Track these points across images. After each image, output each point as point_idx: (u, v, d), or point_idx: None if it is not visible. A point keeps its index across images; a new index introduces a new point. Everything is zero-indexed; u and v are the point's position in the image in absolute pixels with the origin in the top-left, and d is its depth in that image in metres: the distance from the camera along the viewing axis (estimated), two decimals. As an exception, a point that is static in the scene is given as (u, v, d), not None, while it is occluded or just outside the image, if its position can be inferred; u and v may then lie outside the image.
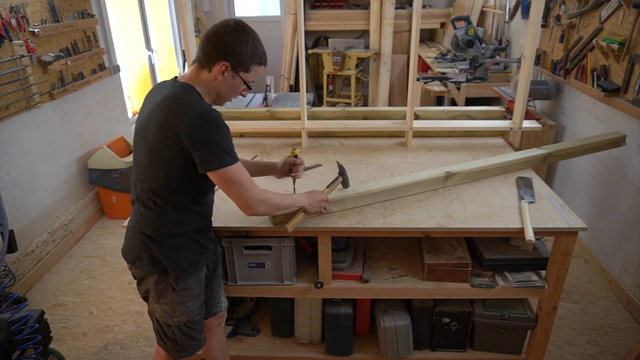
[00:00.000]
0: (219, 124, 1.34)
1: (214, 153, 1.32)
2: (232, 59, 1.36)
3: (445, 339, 2.06)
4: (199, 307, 1.57)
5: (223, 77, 1.39)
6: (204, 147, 1.32)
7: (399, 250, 2.13)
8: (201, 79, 1.41)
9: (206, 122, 1.31)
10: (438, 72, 4.50)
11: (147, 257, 1.48)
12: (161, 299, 1.52)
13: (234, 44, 1.35)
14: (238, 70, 1.39)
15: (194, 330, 1.58)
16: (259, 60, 1.42)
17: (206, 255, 1.58)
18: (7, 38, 2.62)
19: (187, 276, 1.50)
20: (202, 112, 1.32)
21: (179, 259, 1.47)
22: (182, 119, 1.31)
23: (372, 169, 2.22)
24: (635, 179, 2.51)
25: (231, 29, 1.36)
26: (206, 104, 1.38)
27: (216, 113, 1.35)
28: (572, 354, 2.26)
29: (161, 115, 1.35)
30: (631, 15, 2.45)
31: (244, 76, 1.42)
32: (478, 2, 4.87)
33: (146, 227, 1.47)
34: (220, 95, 1.46)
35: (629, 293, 2.53)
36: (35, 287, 2.84)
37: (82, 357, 2.32)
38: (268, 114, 2.71)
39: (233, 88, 1.44)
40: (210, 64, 1.37)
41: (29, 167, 2.88)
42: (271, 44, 6.56)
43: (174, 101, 1.34)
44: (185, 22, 2.22)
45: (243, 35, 1.36)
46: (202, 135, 1.31)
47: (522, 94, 2.37)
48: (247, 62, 1.39)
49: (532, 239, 1.62)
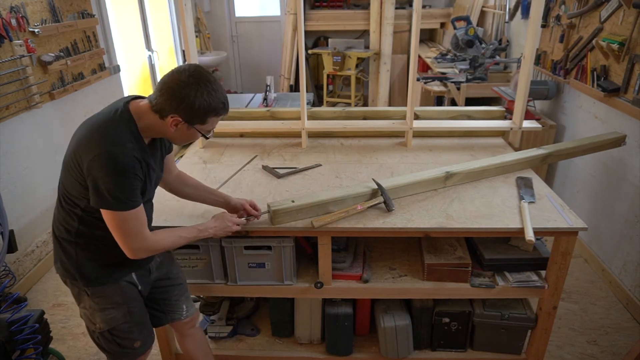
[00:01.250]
0: (122, 171, 1.26)
1: (105, 195, 1.26)
2: (186, 114, 1.29)
3: (445, 339, 2.06)
4: (123, 315, 1.50)
5: (176, 128, 1.33)
6: (97, 186, 1.26)
7: (399, 250, 2.13)
8: (147, 117, 1.33)
9: (108, 166, 1.24)
10: (438, 72, 4.50)
11: (59, 259, 1.47)
12: (80, 304, 1.50)
13: (188, 99, 1.27)
14: (193, 123, 1.33)
15: (122, 338, 1.53)
16: (215, 112, 1.33)
17: (127, 267, 1.49)
18: (7, 38, 2.62)
19: (96, 285, 1.45)
20: (110, 154, 1.24)
21: (84, 268, 1.43)
22: (91, 151, 1.26)
23: (372, 169, 2.22)
24: (635, 179, 2.51)
25: (185, 82, 1.27)
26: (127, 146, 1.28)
27: (127, 160, 1.27)
28: (572, 354, 2.26)
29: (83, 135, 1.31)
30: (631, 15, 2.45)
31: (200, 128, 1.36)
32: (478, 2, 4.87)
33: (55, 228, 1.45)
34: (173, 139, 1.43)
35: (629, 293, 2.53)
36: (35, 287, 2.84)
37: (82, 357, 2.32)
38: (268, 114, 2.71)
39: (188, 137, 1.39)
40: (163, 115, 1.31)
41: (29, 167, 2.88)
42: (271, 44, 6.61)
43: (99, 129, 1.30)
44: (185, 22, 2.22)
45: (198, 88, 1.27)
46: (100, 175, 1.25)
47: (522, 94, 2.37)
48: (202, 116, 1.32)
49: (532, 239, 1.62)
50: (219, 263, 1.90)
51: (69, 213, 1.40)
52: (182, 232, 1.49)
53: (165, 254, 1.71)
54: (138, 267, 1.54)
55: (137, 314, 1.56)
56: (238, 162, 2.31)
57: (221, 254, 1.88)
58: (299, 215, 1.75)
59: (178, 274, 1.76)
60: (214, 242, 1.85)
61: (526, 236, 1.64)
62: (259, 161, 2.32)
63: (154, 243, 1.39)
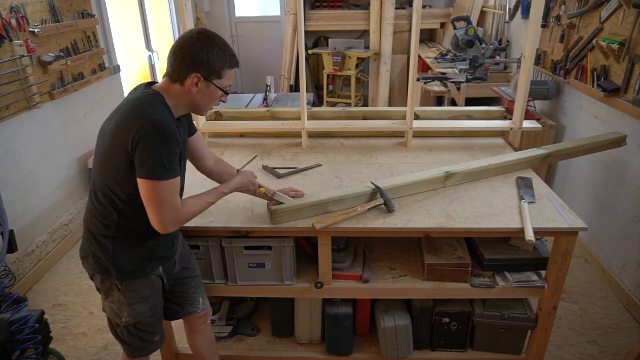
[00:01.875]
0: (167, 137, 1.31)
1: (150, 163, 1.30)
2: (202, 69, 1.36)
3: (445, 339, 2.06)
4: (150, 309, 1.54)
5: (197, 88, 1.38)
6: (144, 154, 1.30)
7: (399, 250, 2.13)
8: (173, 92, 1.40)
9: (155, 132, 1.29)
10: (438, 72, 4.50)
11: (91, 254, 1.48)
12: (108, 298, 1.52)
13: (201, 54, 1.34)
14: (211, 78, 1.39)
15: (145, 332, 1.56)
16: (229, 64, 1.41)
17: (157, 260, 1.54)
18: (7, 38, 2.62)
19: (130, 279, 1.48)
20: (155, 121, 1.30)
21: (121, 262, 1.45)
22: (135, 124, 1.30)
23: (372, 169, 2.22)
24: (635, 179, 2.51)
25: (195, 40, 1.35)
26: (166, 114, 1.36)
27: (170, 127, 1.33)
28: (572, 354, 2.26)
29: (119, 117, 1.35)
30: (631, 15, 2.45)
31: (218, 83, 1.41)
32: (478, 2, 4.87)
33: (91, 224, 1.47)
34: (198, 105, 1.45)
35: (629, 293, 2.53)
36: (35, 287, 2.84)
37: (82, 357, 2.32)
38: (268, 114, 2.71)
39: (210, 97, 1.43)
40: (181, 78, 1.37)
41: (29, 167, 2.88)
42: (271, 44, 6.60)
43: (134, 106, 1.35)
44: (185, 22, 2.22)
45: (207, 43, 1.35)
46: (147, 143, 1.29)
47: (522, 94, 2.37)
48: (217, 69, 1.38)
49: (532, 239, 1.62)
50: (219, 263, 1.90)
51: (107, 207, 1.42)
52: (208, 197, 1.51)
53: (184, 244, 1.74)
54: (167, 258, 1.58)
55: (159, 308, 1.60)
56: (238, 162, 2.30)
57: (221, 254, 1.88)
58: (298, 214, 1.75)
59: (195, 265, 1.78)
60: (214, 242, 1.86)
61: (526, 236, 1.64)
62: (258, 161, 2.32)
63: (184, 213, 1.41)
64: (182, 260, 1.70)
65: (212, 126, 2.58)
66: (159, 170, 1.31)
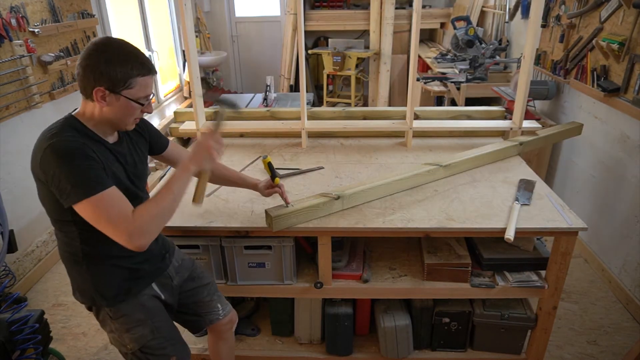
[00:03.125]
0: (69, 155, 1.19)
1: (68, 186, 1.18)
2: (104, 82, 1.24)
3: (445, 339, 2.06)
4: (151, 332, 1.45)
5: (106, 102, 1.26)
6: (57, 181, 1.19)
7: (399, 250, 2.13)
8: (88, 111, 1.31)
9: (54, 156, 1.19)
10: (438, 72, 4.50)
11: (76, 287, 1.43)
12: (106, 328, 1.46)
13: (100, 66, 1.23)
14: (117, 90, 1.25)
15: (155, 356, 1.47)
16: (137, 72, 1.26)
17: (145, 279, 1.46)
18: (7, 38, 2.62)
19: (116, 304, 1.40)
20: (50, 146, 1.20)
21: (102, 288, 1.38)
22: (36, 158, 1.23)
23: (372, 169, 2.22)
24: (635, 179, 2.51)
25: (93, 51, 1.25)
26: (66, 135, 1.24)
27: (70, 145, 1.21)
28: (572, 354, 2.26)
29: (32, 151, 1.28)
30: (631, 15, 2.45)
31: (129, 93, 1.26)
32: (478, 2, 4.87)
33: (63, 257, 1.40)
34: (114, 120, 1.31)
35: (629, 293, 2.53)
36: (35, 287, 2.84)
37: (82, 357, 2.32)
38: (268, 114, 2.71)
39: (123, 110, 1.29)
40: (88, 94, 1.27)
41: (29, 167, 2.87)
42: (271, 44, 6.60)
43: (40, 136, 1.27)
44: (185, 22, 2.22)
45: (107, 52, 1.24)
46: (53, 170, 1.19)
47: (522, 94, 2.37)
48: (122, 79, 1.24)
49: (510, 238, 1.63)
50: (219, 263, 1.90)
51: (67, 236, 1.35)
52: (162, 189, 1.30)
53: (182, 256, 1.67)
54: (157, 274, 1.51)
55: (164, 328, 1.50)
56: (238, 162, 2.31)
57: (221, 254, 1.88)
58: (296, 220, 1.73)
59: (203, 273, 1.72)
60: (214, 242, 1.86)
61: (505, 234, 1.64)
62: (260, 161, 2.32)
63: (142, 218, 1.23)
64: (182, 272, 1.63)
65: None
66: (79, 188, 1.18)
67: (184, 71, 5.85)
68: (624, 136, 2.59)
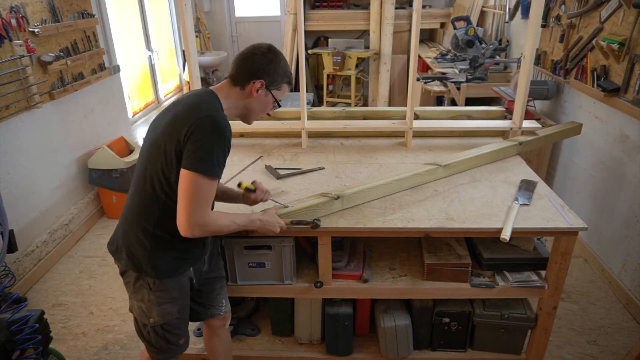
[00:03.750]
0: (222, 135, 1.34)
1: (199, 155, 1.31)
2: (267, 77, 1.47)
3: (445, 339, 2.06)
4: (178, 311, 1.54)
5: (257, 94, 1.47)
6: (196, 146, 1.31)
7: (399, 250, 2.13)
8: (231, 94, 1.48)
9: (212, 127, 1.33)
10: (438, 72, 4.50)
11: (125, 250, 1.47)
12: (138, 296, 1.51)
13: (269, 64, 1.47)
14: (271, 88, 1.49)
15: (172, 334, 1.56)
16: (288, 80, 1.54)
17: (189, 260, 1.54)
18: (7, 38, 2.62)
19: (164, 278, 1.47)
20: (213, 117, 1.34)
21: (157, 260, 1.45)
22: (193, 116, 1.34)
23: (372, 169, 2.22)
24: (635, 179, 2.51)
25: (266, 51, 1.49)
26: (222, 113, 1.40)
27: (227, 125, 1.37)
28: (572, 354, 2.26)
29: (179, 109, 1.39)
30: (631, 15, 2.45)
31: (275, 94, 1.52)
32: (478, 2, 4.87)
33: (130, 219, 1.47)
34: (251, 111, 1.52)
35: (629, 293, 2.53)
36: (35, 287, 2.84)
37: (82, 357, 2.32)
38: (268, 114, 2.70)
39: (264, 105, 1.52)
40: (244, 82, 1.46)
41: (29, 167, 2.88)
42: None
43: (195, 100, 1.40)
44: (185, 22, 2.22)
45: (275, 57, 1.49)
46: (201, 135, 1.32)
47: (522, 94, 2.37)
48: (279, 81, 1.50)
49: (505, 238, 1.63)
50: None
51: (150, 202, 1.42)
52: (235, 217, 1.50)
53: (214, 245, 1.75)
54: (198, 259, 1.59)
55: (186, 311, 1.60)
56: (238, 162, 2.31)
57: (221, 254, 1.88)
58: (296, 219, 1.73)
59: (221, 266, 1.79)
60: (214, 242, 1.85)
61: (501, 235, 1.65)
62: (260, 161, 2.32)
63: (211, 220, 1.38)
64: (210, 261, 1.71)
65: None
66: (205, 164, 1.31)
67: (184, 71, 5.85)
68: (624, 136, 2.59)
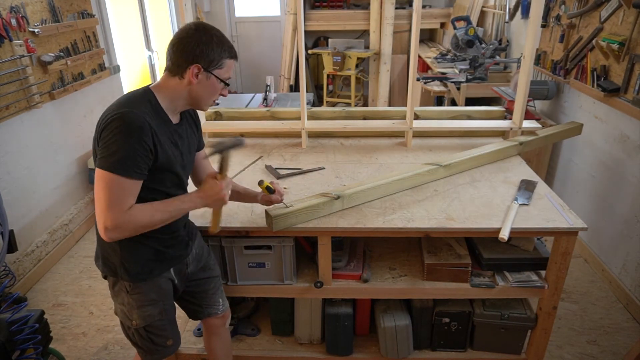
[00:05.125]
0: (133, 132, 1.24)
1: (106, 152, 1.24)
2: (202, 60, 1.35)
3: (445, 339, 2.06)
4: (159, 312, 1.52)
5: (197, 79, 1.36)
6: (104, 144, 1.25)
7: (399, 250, 2.13)
8: (171, 86, 1.38)
9: (120, 125, 1.24)
10: (438, 72, 4.50)
11: (101, 256, 1.47)
12: (118, 300, 1.51)
13: (200, 45, 1.34)
14: (210, 69, 1.37)
15: (157, 335, 1.54)
16: (228, 54, 1.39)
17: (167, 262, 1.51)
18: (7, 38, 2.62)
19: (138, 281, 1.46)
20: (123, 114, 1.25)
21: (128, 264, 1.43)
22: (104, 117, 1.29)
23: (372, 169, 2.22)
24: (635, 179, 2.51)
25: (193, 32, 1.36)
26: (141, 110, 1.29)
27: (140, 121, 1.26)
28: (572, 354, 2.26)
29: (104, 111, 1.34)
30: (631, 15, 2.45)
31: (219, 73, 1.39)
32: (478, 2, 4.87)
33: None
34: (198, 98, 1.41)
35: (629, 293, 2.53)
36: (35, 287, 2.84)
37: (82, 357, 2.32)
38: (268, 114, 2.71)
39: (211, 88, 1.40)
40: (181, 71, 1.36)
41: (29, 167, 2.88)
42: (271, 44, 6.60)
43: (117, 101, 1.34)
44: (185, 22, 2.22)
45: (206, 34, 1.36)
46: (108, 133, 1.25)
47: (522, 94, 2.37)
48: (217, 59, 1.37)
49: (504, 238, 1.63)
50: (219, 263, 1.90)
51: None
52: (161, 205, 1.34)
53: (201, 244, 1.71)
54: (179, 260, 1.56)
55: (170, 312, 1.58)
56: (238, 162, 2.31)
57: (221, 254, 1.88)
58: (296, 220, 1.73)
59: (214, 266, 1.77)
60: (214, 242, 1.86)
61: (500, 234, 1.64)
62: (260, 161, 2.32)
63: (125, 220, 1.26)
64: (198, 261, 1.68)
65: (212, 126, 2.58)
66: (113, 162, 1.23)
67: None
68: (624, 136, 2.59)
